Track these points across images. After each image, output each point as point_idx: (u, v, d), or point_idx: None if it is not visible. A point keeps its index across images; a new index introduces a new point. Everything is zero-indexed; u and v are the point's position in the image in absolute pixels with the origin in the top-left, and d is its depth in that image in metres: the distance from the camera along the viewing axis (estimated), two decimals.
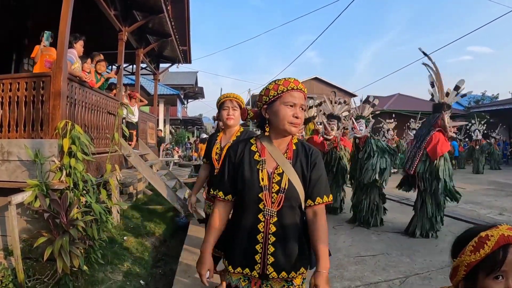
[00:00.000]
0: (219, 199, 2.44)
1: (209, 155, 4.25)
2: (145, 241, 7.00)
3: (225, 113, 4.12)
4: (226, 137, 4.25)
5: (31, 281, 4.57)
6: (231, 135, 4.21)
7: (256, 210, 2.31)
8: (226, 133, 4.27)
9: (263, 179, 2.31)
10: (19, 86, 5.44)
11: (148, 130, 13.44)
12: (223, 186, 2.43)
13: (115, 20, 8.59)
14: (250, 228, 2.33)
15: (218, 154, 4.15)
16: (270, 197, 2.29)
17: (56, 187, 4.79)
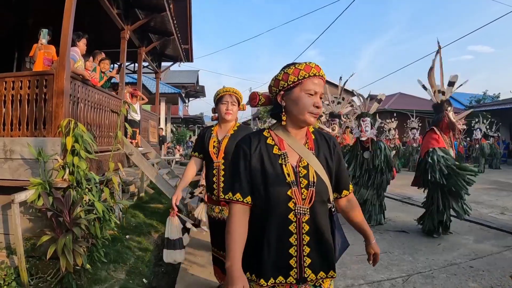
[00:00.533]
0: (238, 202, 2.08)
1: (205, 148, 4.10)
2: (147, 240, 7.00)
3: (223, 108, 4.03)
4: (222, 130, 4.16)
5: (33, 280, 4.58)
6: (228, 129, 4.14)
7: (286, 210, 2.04)
8: (222, 127, 4.18)
9: (289, 175, 2.06)
10: (22, 84, 5.45)
11: (150, 128, 13.45)
12: (240, 187, 2.09)
13: (118, 18, 8.60)
14: (280, 232, 2.05)
15: (216, 147, 4.05)
16: (300, 193, 2.05)
17: (59, 186, 4.79)
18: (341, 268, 5.32)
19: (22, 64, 10.67)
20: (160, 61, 15.38)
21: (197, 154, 4.27)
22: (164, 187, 8.38)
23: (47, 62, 6.17)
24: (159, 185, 8.43)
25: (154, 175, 8.48)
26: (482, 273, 5.21)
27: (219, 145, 4.04)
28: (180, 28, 12.42)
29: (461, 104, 44.10)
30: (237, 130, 4.14)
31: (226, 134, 4.09)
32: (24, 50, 10.28)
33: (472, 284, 4.86)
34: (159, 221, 8.32)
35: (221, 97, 4.08)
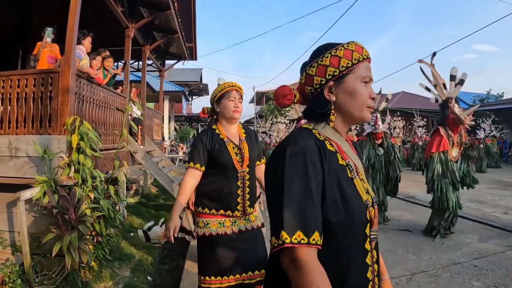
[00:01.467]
0: (313, 246, 1.36)
1: (220, 157, 3.32)
2: None
3: (231, 105, 3.39)
4: (230, 132, 3.49)
5: (38, 277, 4.60)
6: (236, 131, 3.55)
7: (363, 239, 1.56)
8: (228, 128, 3.50)
9: (362, 192, 1.57)
10: (27, 82, 5.47)
11: (154, 126, 13.46)
12: (314, 219, 1.38)
13: (122, 16, 8.60)
14: (359, 269, 1.55)
15: (238, 154, 3.37)
16: (376, 215, 1.61)
17: (65, 183, 4.80)
18: None
19: (26, 62, 10.68)
20: (164, 59, 15.37)
21: (199, 166, 3.34)
22: (168, 185, 8.40)
23: (51, 60, 6.18)
24: (163, 183, 8.45)
25: (158, 173, 8.50)
26: (485, 272, 5.22)
27: (241, 151, 3.39)
28: (184, 26, 12.42)
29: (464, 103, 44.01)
30: (246, 131, 3.59)
31: (241, 138, 3.49)
32: (28, 48, 10.27)
33: (475, 283, 4.87)
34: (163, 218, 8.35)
35: (226, 92, 3.41)
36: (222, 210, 3.34)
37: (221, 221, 3.33)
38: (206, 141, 3.38)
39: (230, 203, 3.34)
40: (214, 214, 3.35)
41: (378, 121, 8.05)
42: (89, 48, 6.96)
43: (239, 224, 3.35)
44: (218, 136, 3.42)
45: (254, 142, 3.60)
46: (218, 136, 3.42)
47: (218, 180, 3.38)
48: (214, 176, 3.40)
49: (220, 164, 3.35)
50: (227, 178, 3.36)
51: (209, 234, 3.31)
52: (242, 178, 3.37)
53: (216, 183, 3.38)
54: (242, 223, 3.36)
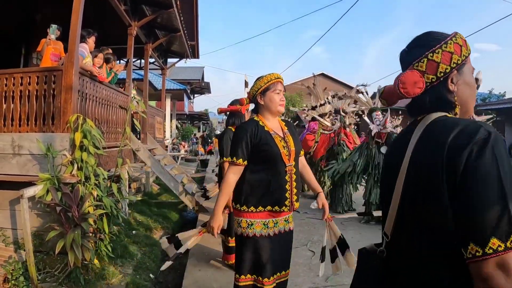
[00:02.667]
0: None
1: (269, 150, 3.18)
2: (154, 235, 7.05)
3: (278, 98, 3.30)
4: (274, 127, 3.37)
5: (41, 274, 4.61)
6: (278, 125, 3.43)
7: None
8: (271, 121, 3.38)
9: None
10: (30, 80, 5.46)
11: (156, 124, 13.46)
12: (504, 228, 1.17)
13: (125, 15, 8.60)
14: None
15: (285, 147, 3.23)
16: None
17: (68, 181, 4.80)
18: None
19: (29, 60, 10.69)
20: (167, 58, 15.36)
21: (242, 161, 3.19)
22: (170, 183, 8.41)
23: (54, 57, 6.19)
24: (165, 181, 8.46)
25: (161, 171, 8.51)
26: None
27: (287, 144, 3.27)
28: (187, 25, 12.40)
29: None
30: (286, 124, 3.51)
31: (284, 131, 3.39)
32: (31, 46, 10.26)
33: None
34: (165, 216, 8.37)
35: (272, 84, 3.27)
36: (270, 206, 3.17)
37: (265, 222, 3.21)
38: (251, 133, 3.19)
39: (279, 198, 3.17)
40: (261, 211, 3.17)
41: (388, 120, 8.06)
42: (93, 47, 6.96)
43: (279, 226, 3.29)
44: (263, 128, 3.21)
45: (296, 134, 3.53)
46: (263, 129, 3.21)
47: (267, 175, 3.19)
48: (262, 171, 3.20)
49: (269, 157, 3.18)
50: (276, 172, 3.18)
51: (253, 235, 3.17)
52: (290, 172, 3.21)
53: (265, 178, 3.19)
54: (282, 224, 3.31)
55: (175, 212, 9.15)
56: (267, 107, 3.32)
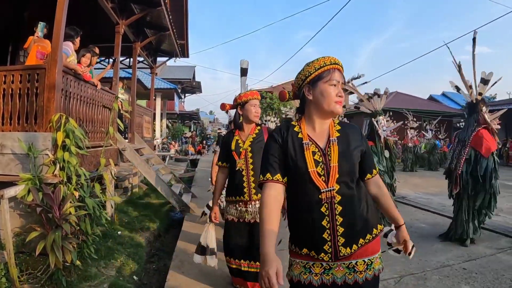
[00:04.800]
0: None
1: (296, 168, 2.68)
2: (139, 236, 6.98)
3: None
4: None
5: (23, 276, 4.54)
6: (326, 129, 3.56)
7: None
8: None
9: None
10: (14, 79, 5.39)
11: (144, 124, 13.40)
12: None
13: (112, 12, 8.54)
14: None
15: (322, 164, 2.32)
16: None
17: (50, 181, 4.73)
18: None
19: (16, 58, 10.60)
20: (156, 56, 15.30)
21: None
22: (157, 184, 8.36)
23: (40, 55, 6.12)
24: (152, 182, 8.41)
25: (147, 171, 8.45)
26: (475, 276, 5.19)
27: (326, 159, 2.51)
28: (176, 24, 12.36)
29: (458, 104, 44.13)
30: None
31: (331, 138, 3.47)
32: (19, 44, 10.18)
33: (464, 286, 4.84)
34: (152, 217, 8.31)
35: (327, 72, 2.39)
36: (306, 249, 2.30)
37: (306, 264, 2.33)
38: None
39: (312, 239, 2.29)
40: (297, 253, 2.37)
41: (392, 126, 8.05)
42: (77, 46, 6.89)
43: (335, 275, 2.28)
44: (296, 134, 2.40)
45: (354, 142, 2.43)
46: (296, 135, 2.40)
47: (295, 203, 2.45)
48: (294, 196, 2.47)
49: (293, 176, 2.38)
50: (305, 199, 2.34)
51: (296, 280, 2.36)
52: (329, 200, 2.24)
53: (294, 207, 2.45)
54: (341, 273, 2.27)
55: (162, 212, 9.09)
56: (317, 104, 2.37)
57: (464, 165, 6.78)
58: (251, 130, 4.33)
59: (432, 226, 7.97)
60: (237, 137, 4.31)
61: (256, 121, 4.34)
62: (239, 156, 4.19)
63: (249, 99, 4.26)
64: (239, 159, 4.19)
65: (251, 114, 4.23)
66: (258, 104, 4.32)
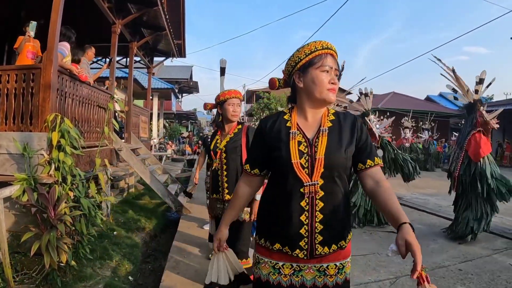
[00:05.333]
0: None
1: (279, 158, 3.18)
2: (135, 236, 6.97)
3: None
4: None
5: (19, 276, 4.52)
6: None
7: None
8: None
9: None
10: (9, 78, 5.37)
11: (140, 124, 13.37)
12: None
13: (109, 12, 8.52)
14: None
15: (307, 155, 2.28)
16: None
17: (45, 181, 4.72)
18: None
19: (12, 58, 10.57)
20: (153, 56, 15.27)
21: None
22: (153, 184, 8.34)
23: (31, 55, 6.12)
24: (148, 182, 8.39)
25: (143, 171, 8.44)
26: (470, 277, 5.19)
27: (312, 151, 2.75)
28: (173, 23, 12.36)
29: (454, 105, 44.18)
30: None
31: (322, 128, 3.60)
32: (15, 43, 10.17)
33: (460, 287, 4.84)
34: (148, 217, 8.30)
35: (318, 57, 2.14)
36: (279, 244, 2.17)
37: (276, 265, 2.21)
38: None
39: (287, 234, 2.15)
40: (269, 248, 2.23)
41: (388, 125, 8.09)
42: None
43: (305, 277, 2.17)
44: (285, 122, 2.26)
45: (347, 133, 2.24)
46: (285, 123, 2.25)
47: (274, 195, 2.30)
48: (273, 188, 2.34)
49: (276, 168, 2.27)
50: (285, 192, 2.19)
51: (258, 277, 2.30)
52: (311, 195, 2.10)
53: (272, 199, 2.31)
54: (311, 275, 2.17)
55: (158, 213, 9.07)
56: (308, 92, 2.20)
57: (461, 167, 6.88)
58: (231, 130, 4.38)
59: (429, 227, 7.99)
60: (217, 137, 4.44)
61: (234, 120, 4.40)
62: (216, 155, 4.33)
63: (227, 98, 4.31)
64: (215, 158, 4.34)
65: (228, 113, 4.30)
66: (237, 103, 4.36)
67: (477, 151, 6.81)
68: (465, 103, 7.23)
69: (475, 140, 6.90)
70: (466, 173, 6.93)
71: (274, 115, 2.36)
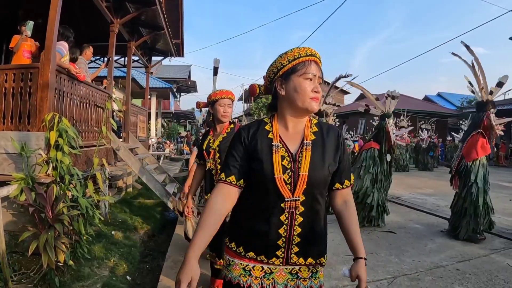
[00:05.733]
0: None
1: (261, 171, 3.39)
2: (133, 236, 6.96)
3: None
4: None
5: (17, 276, 4.53)
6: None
7: None
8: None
9: None
10: (7, 78, 5.37)
11: (139, 123, 13.36)
12: None
13: (107, 11, 8.51)
14: None
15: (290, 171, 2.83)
16: None
17: (42, 181, 4.72)
18: (326, 268, 5.26)
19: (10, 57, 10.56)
20: (151, 56, 15.28)
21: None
22: (150, 183, 8.34)
23: (27, 54, 6.13)
24: (146, 181, 8.38)
25: (141, 171, 8.43)
26: (468, 276, 5.19)
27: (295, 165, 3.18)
28: (171, 23, 12.35)
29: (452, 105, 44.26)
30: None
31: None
32: None
33: (458, 287, 4.84)
34: (146, 217, 8.29)
35: (301, 64, 2.02)
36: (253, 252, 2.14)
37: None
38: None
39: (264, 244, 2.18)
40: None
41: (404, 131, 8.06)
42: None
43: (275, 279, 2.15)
44: (266, 133, 2.17)
45: (332, 148, 2.19)
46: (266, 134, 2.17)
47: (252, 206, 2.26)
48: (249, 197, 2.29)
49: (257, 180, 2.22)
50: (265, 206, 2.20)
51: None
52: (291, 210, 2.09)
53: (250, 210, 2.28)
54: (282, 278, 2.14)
55: (156, 212, 9.08)
56: (290, 100, 2.09)
57: (459, 164, 7.00)
58: (223, 130, 4.31)
59: (427, 227, 7.99)
60: (210, 137, 4.36)
61: (225, 121, 4.32)
62: (209, 155, 4.26)
63: (218, 98, 4.25)
64: (208, 158, 4.27)
65: (219, 114, 4.24)
66: (228, 104, 4.28)
67: (471, 151, 6.89)
68: (478, 100, 7.23)
69: (472, 140, 6.92)
70: (460, 170, 7.02)
71: (254, 123, 2.23)
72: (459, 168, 7.08)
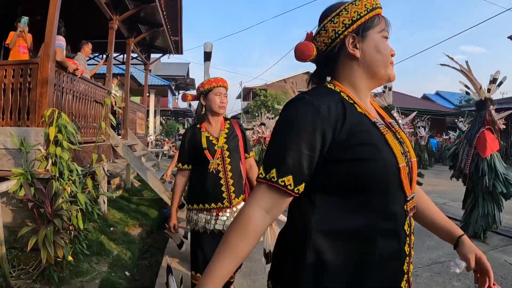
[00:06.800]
0: None
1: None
2: (132, 232, 6.96)
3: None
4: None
5: (15, 271, 4.52)
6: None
7: None
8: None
9: None
10: (6, 73, 5.38)
11: (137, 120, 13.36)
12: None
13: (106, 8, 8.51)
14: None
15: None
16: None
17: (42, 176, 4.72)
18: None
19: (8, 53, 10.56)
20: (150, 53, 15.30)
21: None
22: (149, 180, 8.34)
23: (23, 49, 6.15)
24: (145, 178, 8.39)
25: (140, 168, 8.43)
26: (466, 273, 5.19)
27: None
28: (170, 20, 12.34)
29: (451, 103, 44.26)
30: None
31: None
32: None
33: (456, 283, 4.86)
34: (144, 213, 8.29)
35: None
36: None
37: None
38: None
39: None
40: None
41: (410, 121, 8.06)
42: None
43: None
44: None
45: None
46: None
47: None
48: None
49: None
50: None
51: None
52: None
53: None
54: None
55: (155, 208, 9.07)
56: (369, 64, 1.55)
57: (471, 164, 6.99)
58: (221, 125, 3.71)
59: None
60: (206, 134, 3.60)
61: (221, 113, 3.66)
62: (214, 155, 3.52)
63: (213, 86, 3.59)
64: (213, 159, 3.51)
65: (215, 104, 3.57)
66: (224, 93, 3.64)
67: (484, 147, 6.89)
68: (476, 100, 7.29)
69: (483, 137, 6.96)
70: (476, 170, 6.98)
71: (315, 93, 1.45)
72: (474, 168, 7.04)
